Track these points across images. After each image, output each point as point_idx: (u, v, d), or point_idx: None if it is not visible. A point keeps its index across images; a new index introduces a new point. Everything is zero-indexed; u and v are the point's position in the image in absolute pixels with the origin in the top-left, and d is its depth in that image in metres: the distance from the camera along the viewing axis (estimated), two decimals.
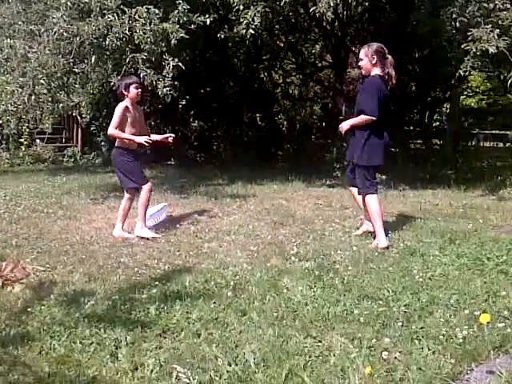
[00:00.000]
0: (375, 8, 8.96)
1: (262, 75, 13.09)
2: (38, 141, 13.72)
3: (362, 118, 4.89)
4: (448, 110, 13.66)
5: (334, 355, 2.79)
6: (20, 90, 6.62)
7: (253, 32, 7.12)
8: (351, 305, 3.47)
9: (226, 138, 12.69)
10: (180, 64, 6.90)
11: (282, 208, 6.84)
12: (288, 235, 5.39)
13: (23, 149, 13.91)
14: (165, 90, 6.78)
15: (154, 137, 5.65)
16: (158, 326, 3.15)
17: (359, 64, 5.12)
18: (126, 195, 5.58)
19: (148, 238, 5.26)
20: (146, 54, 6.56)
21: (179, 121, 13.23)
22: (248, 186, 8.56)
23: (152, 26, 6.45)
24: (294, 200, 7.32)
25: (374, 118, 4.84)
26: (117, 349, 2.89)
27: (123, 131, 5.34)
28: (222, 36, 7.86)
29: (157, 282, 3.89)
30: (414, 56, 11.10)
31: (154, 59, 6.76)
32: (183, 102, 12.01)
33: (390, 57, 4.99)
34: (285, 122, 13.07)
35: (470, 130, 14.62)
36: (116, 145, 5.53)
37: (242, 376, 2.61)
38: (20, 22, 8.03)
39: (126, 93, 5.31)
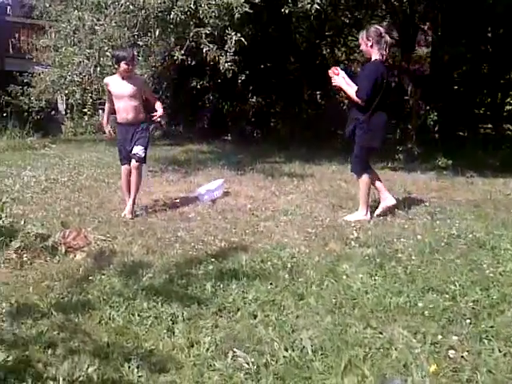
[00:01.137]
0: None
1: (324, 51, 12.73)
2: (100, 111, 14.02)
3: (353, 95, 4.94)
4: None
5: (396, 349, 2.67)
6: (86, 61, 6.71)
7: (318, 7, 6.90)
8: (415, 297, 3.31)
9: (285, 115, 12.51)
10: (242, 39, 6.79)
11: (341, 190, 6.67)
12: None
13: (86, 118, 14.33)
14: (226, 65, 6.71)
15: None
16: (215, 304, 3.13)
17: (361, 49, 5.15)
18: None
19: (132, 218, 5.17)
20: (209, 28, 6.48)
21: (237, 96, 13.16)
22: (306, 165, 8.41)
23: (217, 0, 6.34)
24: (354, 182, 7.05)
25: (360, 102, 4.90)
26: (173, 324, 2.90)
27: (113, 104, 5.33)
28: (286, 11, 7.63)
29: (213, 259, 3.88)
30: (487, 35, 10.48)
31: (216, 34, 6.66)
32: (242, 78, 11.88)
33: (385, 36, 4.97)
34: (345, 101, 12.71)
35: None
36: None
37: (299, 363, 2.55)
38: None
39: (116, 66, 5.28)
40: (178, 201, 5.82)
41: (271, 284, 3.46)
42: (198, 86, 11.95)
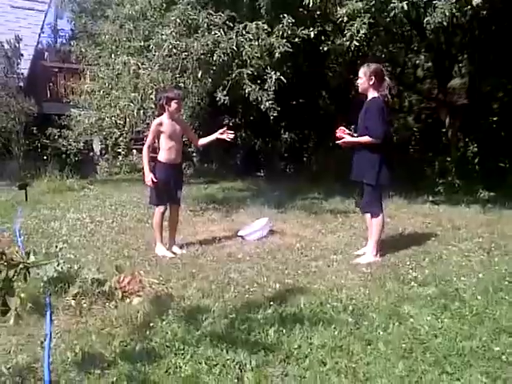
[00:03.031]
0: (487, 15, 8.39)
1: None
2: (134, 151, 14.25)
3: (367, 139, 4.86)
4: None
5: None
6: (131, 104, 6.84)
7: (357, 44, 6.92)
8: (488, 340, 3.18)
9: (318, 150, 12.50)
10: (282, 77, 6.86)
11: (387, 227, 6.49)
12: (401, 257, 5.11)
13: (120, 158, 14.53)
14: (267, 103, 6.76)
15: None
16: (281, 351, 3.05)
17: (357, 82, 5.07)
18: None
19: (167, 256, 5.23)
20: (251, 68, 6.57)
21: (270, 132, 13.25)
22: (346, 200, 8.32)
23: (260, 41, 6.44)
24: (399, 218, 7.00)
25: (379, 142, 4.83)
26: (242, 372, 2.83)
27: (159, 147, 5.35)
28: (325, 48, 7.72)
29: (271, 302, 3.80)
30: None
31: (256, 73, 6.75)
32: (275, 114, 11.97)
33: (387, 79, 5.02)
34: None
35: None
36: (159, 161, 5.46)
37: None
38: (125, 39, 8.37)
39: (166, 106, 5.27)
40: (224, 241, 5.79)
41: (335, 328, 3.36)
42: (231, 124, 12.07)
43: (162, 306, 3.78)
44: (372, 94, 4.93)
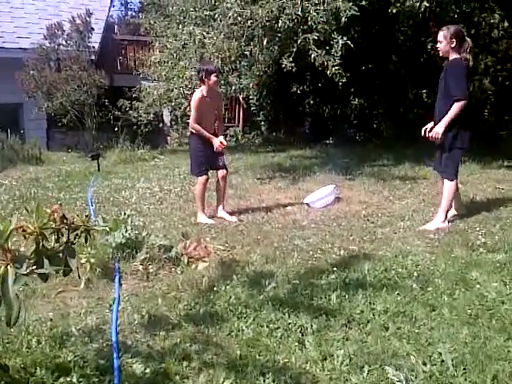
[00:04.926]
0: None
1: (430, 49, 12.23)
2: None
3: (458, 105, 4.66)
4: None
5: None
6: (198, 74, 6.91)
7: (427, 4, 6.63)
8: None
9: (389, 116, 12.17)
10: (349, 42, 6.69)
11: (459, 192, 6.31)
12: (470, 223, 4.96)
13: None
14: (333, 69, 6.63)
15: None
16: (343, 316, 3.06)
17: (437, 46, 4.90)
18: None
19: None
20: (317, 34, 6.45)
21: (338, 99, 13.00)
22: (416, 167, 8.09)
23: (325, 5, 6.30)
24: (472, 183, 6.73)
25: (463, 103, 4.66)
26: (303, 336, 2.87)
27: (200, 122, 5.30)
28: (394, 10, 7.43)
29: (334, 268, 3.81)
30: None
31: (322, 39, 6.61)
32: (343, 80, 11.72)
33: (468, 40, 4.83)
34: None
35: None
36: (191, 130, 5.48)
37: (441, 378, 2.43)
38: (191, 9, 8.44)
39: (206, 79, 5.23)
40: (289, 208, 5.82)
41: (399, 294, 3.33)
42: (299, 91, 11.94)
43: (227, 271, 3.87)
44: (454, 55, 4.80)
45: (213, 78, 5.26)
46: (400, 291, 3.37)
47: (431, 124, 4.98)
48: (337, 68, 6.64)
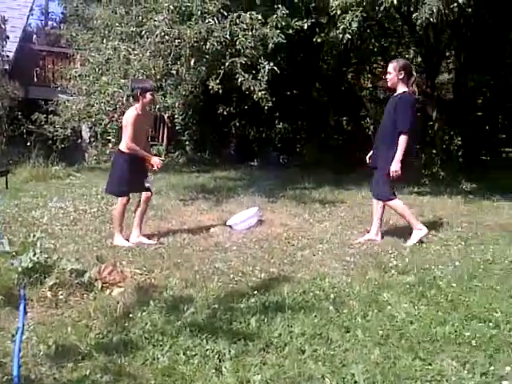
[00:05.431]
0: (473, 14, 8.54)
1: (350, 79, 12.87)
2: None
3: (404, 139, 5.00)
4: None
5: (447, 381, 2.65)
6: (120, 91, 6.81)
7: (349, 37, 6.98)
8: (460, 325, 3.27)
9: (310, 141, 12.55)
10: (275, 68, 6.87)
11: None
12: (383, 246, 5.19)
13: (110, 146, 14.40)
14: (260, 93, 6.77)
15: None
16: (261, 340, 3.07)
17: (386, 77, 5.25)
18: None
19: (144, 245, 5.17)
20: (244, 58, 6.57)
21: (264, 122, 13.25)
22: (335, 191, 8.37)
23: (253, 31, 6.44)
24: (386, 209, 7.01)
25: (405, 135, 5.00)
26: (220, 362, 2.83)
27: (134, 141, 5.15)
28: (319, 40, 7.76)
29: (255, 291, 3.82)
30: (505, 63, 10.52)
31: (250, 63, 6.75)
32: (269, 104, 11.97)
33: (414, 74, 5.26)
34: (371, 127, 12.75)
35: None
36: (120, 149, 5.27)
37: None
38: (117, 24, 8.32)
39: (141, 97, 5.14)
40: (212, 230, 5.81)
41: (316, 316, 3.40)
42: (225, 113, 12.07)
43: (144, 296, 3.74)
44: (402, 88, 5.10)
45: (148, 95, 5.16)
46: (317, 313, 3.44)
47: (371, 153, 5.37)
48: (263, 92, 6.79)
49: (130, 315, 3.39)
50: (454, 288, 3.96)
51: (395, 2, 6.49)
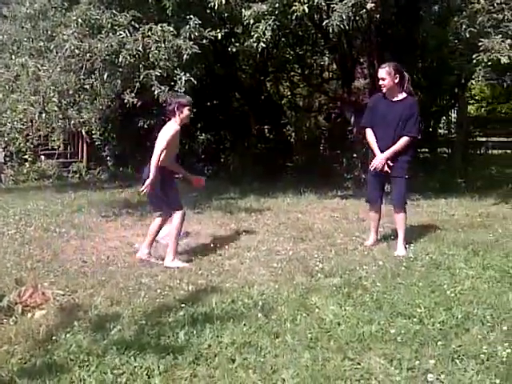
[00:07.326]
0: (382, 21, 8.99)
1: (269, 87, 13.06)
2: (42, 157, 13.61)
3: (407, 141, 5.07)
4: (455, 119, 13.59)
5: (376, 378, 2.73)
6: (31, 108, 6.53)
7: (264, 45, 7.07)
8: (385, 323, 3.40)
9: (234, 151, 12.59)
10: (192, 78, 6.84)
11: (298, 222, 6.73)
12: (309, 250, 5.30)
13: (27, 165, 13.77)
14: None
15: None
16: (191, 352, 3.04)
17: (380, 83, 5.13)
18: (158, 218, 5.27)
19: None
20: (160, 70, 6.50)
21: (186, 134, 13.13)
22: (261, 199, 8.45)
23: (166, 43, 6.39)
24: (310, 213, 7.22)
25: (417, 138, 5.21)
26: (149, 378, 2.79)
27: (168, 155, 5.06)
28: (233, 49, 7.82)
29: (183, 304, 3.79)
30: (418, 66, 11.11)
31: (165, 75, 6.68)
32: (191, 115, 11.92)
33: (406, 74, 5.17)
34: (293, 134, 13.01)
35: (477, 137, 14.47)
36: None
37: None
38: (25, 39, 8.00)
39: (178, 112, 4.93)
40: (136, 246, 5.67)
41: (245, 325, 3.41)
42: (146, 126, 11.86)
43: (68, 317, 3.62)
44: (401, 93, 5.08)
45: (186, 111, 4.91)
46: (246, 322, 3.46)
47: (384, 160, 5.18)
48: None
49: (54, 337, 3.28)
50: (379, 287, 4.11)
51: (306, 10, 6.62)
